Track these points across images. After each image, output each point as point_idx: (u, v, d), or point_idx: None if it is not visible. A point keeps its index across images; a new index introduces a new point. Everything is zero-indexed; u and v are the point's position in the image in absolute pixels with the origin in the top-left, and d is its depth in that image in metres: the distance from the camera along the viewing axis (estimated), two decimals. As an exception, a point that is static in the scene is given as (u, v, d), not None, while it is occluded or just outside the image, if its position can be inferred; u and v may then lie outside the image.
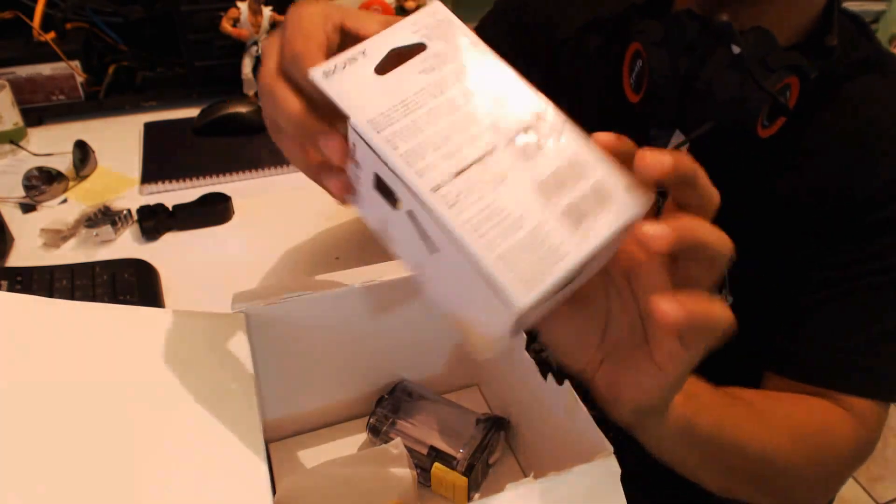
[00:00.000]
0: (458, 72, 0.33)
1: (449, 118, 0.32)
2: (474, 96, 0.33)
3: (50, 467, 0.34)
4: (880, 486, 1.47)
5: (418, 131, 0.31)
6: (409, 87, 0.32)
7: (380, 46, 0.33)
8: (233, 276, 0.71)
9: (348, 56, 0.33)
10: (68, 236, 0.76)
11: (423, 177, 0.30)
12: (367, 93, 0.32)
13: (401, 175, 0.30)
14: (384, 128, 0.31)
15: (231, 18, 1.01)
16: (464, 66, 0.34)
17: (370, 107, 0.31)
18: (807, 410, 0.50)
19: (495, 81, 0.33)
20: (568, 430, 0.44)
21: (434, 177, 0.30)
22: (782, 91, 0.48)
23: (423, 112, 0.32)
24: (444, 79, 0.33)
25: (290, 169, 0.92)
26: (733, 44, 0.47)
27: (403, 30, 0.34)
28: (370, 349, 0.55)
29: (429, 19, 0.35)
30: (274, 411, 0.53)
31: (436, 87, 0.32)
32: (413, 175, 0.30)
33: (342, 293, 0.50)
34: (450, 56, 0.34)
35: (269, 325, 0.49)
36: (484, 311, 0.30)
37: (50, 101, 1.01)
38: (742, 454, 0.45)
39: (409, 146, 0.30)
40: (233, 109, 1.00)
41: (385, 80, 0.32)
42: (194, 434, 0.39)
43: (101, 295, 0.65)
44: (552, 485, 0.36)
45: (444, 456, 0.50)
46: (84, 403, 0.38)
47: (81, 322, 0.43)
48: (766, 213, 0.54)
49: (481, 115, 0.32)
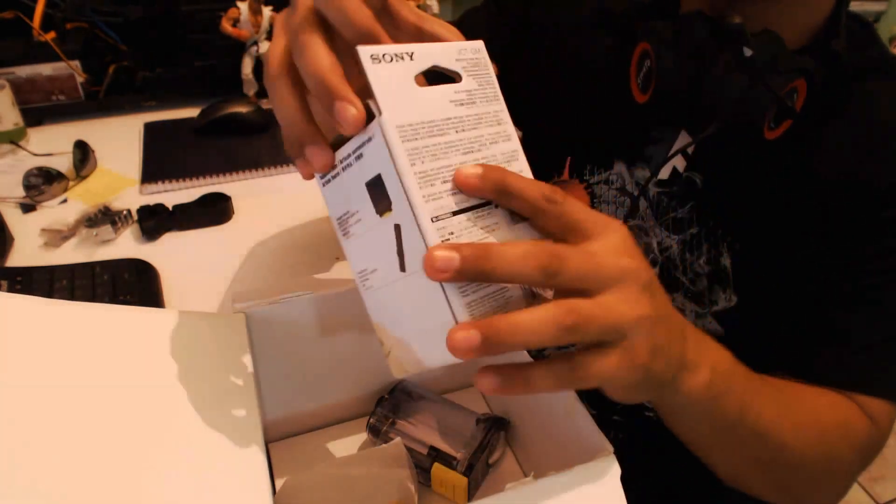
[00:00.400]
0: (482, 117, 0.34)
1: (465, 157, 0.32)
2: (490, 147, 0.34)
3: (50, 468, 0.34)
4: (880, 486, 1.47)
5: (435, 158, 0.31)
6: (440, 111, 0.33)
7: (426, 57, 0.33)
8: (233, 276, 0.71)
9: (397, 52, 0.32)
10: (68, 236, 0.76)
11: (427, 204, 0.30)
12: (404, 98, 0.32)
13: (408, 192, 0.30)
14: (409, 140, 0.31)
15: (231, 18, 1.01)
16: (488, 113, 0.35)
17: (402, 113, 0.31)
18: (829, 406, 0.49)
19: (507, 142, 0.35)
20: (568, 430, 0.44)
21: (436, 207, 0.30)
22: (790, 94, 0.48)
23: (444, 141, 0.32)
24: (470, 118, 0.34)
25: (291, 169, 0.92)
26: (745, 46, 0.47)
27: (449, 53, 0.34)
28: (370, 349, 0.55)
29: (472, 55, 0.35)
30: (274, 411, 0.53)
31: (461, 122, 0.33)
32: (420, 198, 0.30)
33: (342, 293, 0.50)
34: (479, 99, 0.34)
35: (269, 325, 0.49)
36: (428, 343, 0.32)
37: (50, 101, 1.01)
38: (762, 441, 0.44)
39: (424, 168, 0.31)
40: (233, 109, 1.00)
41: (421, 94, 0.32)
42: (194, 434, 0.39)
43: (101, 295, 0.65)
44: (552, 485, 0.36)
45: (444, 456, 0.50)
46: (84, 404, 0.38)
47: (81, 322, 0.43)
48: (771, 214, 0.54)
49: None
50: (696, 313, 0.59)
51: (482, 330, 0.28)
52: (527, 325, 0.28)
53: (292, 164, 0.93)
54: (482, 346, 0.28)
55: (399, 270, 0.32)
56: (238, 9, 1.00)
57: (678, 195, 0.58)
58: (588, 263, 0.30)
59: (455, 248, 0.29)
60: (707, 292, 0.58)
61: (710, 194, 0.56)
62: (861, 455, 0.50)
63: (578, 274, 0.30)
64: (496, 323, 0.28)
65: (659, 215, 0.59)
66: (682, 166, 0.57)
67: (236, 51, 1.04)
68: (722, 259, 0.56)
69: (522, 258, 0.29)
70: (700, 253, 0.57)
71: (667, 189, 0.58)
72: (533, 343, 0.29)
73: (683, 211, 0.57)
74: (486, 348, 0.28)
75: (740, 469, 0.47)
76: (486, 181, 0.31)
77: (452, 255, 0.28)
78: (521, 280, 0.30)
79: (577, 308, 0.29)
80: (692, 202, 0.57)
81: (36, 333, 0.41)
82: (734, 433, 0.42)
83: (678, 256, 0.59)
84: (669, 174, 0.58)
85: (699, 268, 0.58)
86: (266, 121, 1.01)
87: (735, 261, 0.56)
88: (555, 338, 0.29)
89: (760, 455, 0.45)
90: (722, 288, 0.57)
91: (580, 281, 0.30)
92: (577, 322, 0.29)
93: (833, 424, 0.48)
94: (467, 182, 0.31)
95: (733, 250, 0.56)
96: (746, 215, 0.55)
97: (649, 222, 0.60)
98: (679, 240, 0.58)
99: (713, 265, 0.57)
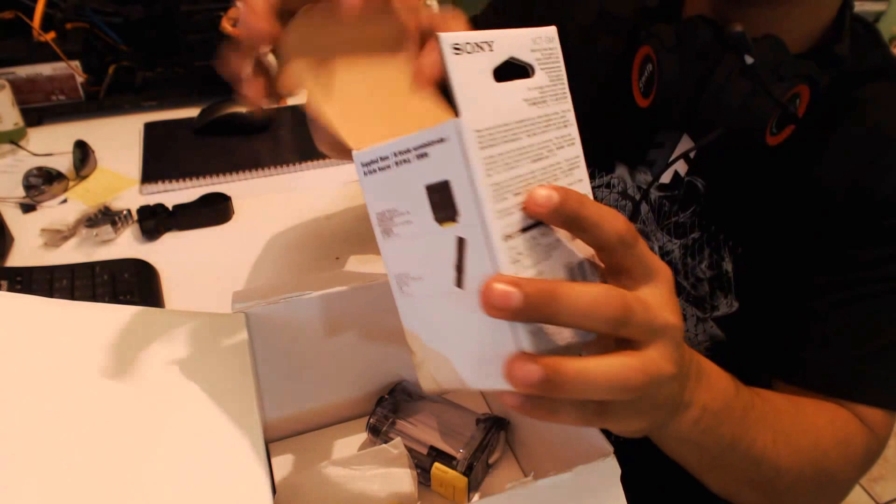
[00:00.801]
0: (551, 119, 0.31)
1: (534, 165, 0.30)
2: (557, 153, 0.31)
3: (50, 467, 0.34)
4: (880, 486, 1.47)
5: (508, 167, 0.28)
6: (514, 111, 0.30)
7: (504, 48, 0.30)
8: (233, 276, 0.71)
9: (477, 40, 0.29)
10: (68, 236, 0.76)
11: (499, 220, 0.27)
12: (482, 96, 0.28)
13: (481, 207, 0.27)
14: (487, 146, 0.28)
15: (231, 18, 1.01)
16: (556, 114, 0.32)
17: (481, 115, 0.28)
18: (828, 424, 0.49)
19: (571, 147, 0.32)
20: (568, 430, 0.44)
21: (508, 224, 0.28)
22: (792, 99, 0.48)
23: (517, 147, 0.29)
24: (540, 119, 0.31)
25: (290, 169, 0.92)
26: (747, 54, 0.46)
27: (524, 43, 0.31)
28: (370, 349, 0.55)
29: (546, 44, 0.32)
30: (274, 411, 0.53)
31: (534, 125, 0.30)
32: (493, 214, 0.27)
33: (342, 293, 0.50)
34: (549, 97, 0.32)
35: (269, 325, 0.49)
36: (476, 366, 0.30)
37: (50, 101, 1.01)
38: (755, 467, 0.44)
39: (499, 179, 0.28)
40: (233, 109, 1.00)
41: (497, 91, 0.29)
42: (194, 434, 0.39)
43: (101, 295, 0.65)
44: (552, 485, 0.36)
45: (444, 456, 0.50)
46: (84, 403, 0.38)
47: (81, 322, 0.43)
48: (773, 219, 0.54)
49: (559, 175, 0.31)
50: (698, 318, 0.59)
51: (546, 370, 0.26)
52: (592, 378, 0.27)
53: (292, 164, 0.93)
54: (540, 384, 0.26)
55: (454, 285, 0.29)
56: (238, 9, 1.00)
57: (680, 199, 0.58)
58: (646, 316, 0.29)
59: (517, 283, 0.26)
60: (709, 297, 0.58)
61: (712, 199, 0.56)
62: (860, 468, 0.49)
63: (640, 328, 0.29)
64: (563, 366, 0.26)
65: (660, 219, 0.59)
66: (683, 170, 0.57)
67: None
68: (724, 264, 0.56)
69: (592, 306, 0.27)
70: (702, 258, 0.57)
71: (668, 193, 0.58)
72: (590, 395, 0.28)
73: (685, 215, 0.57)
74: (544, 388, 0.26)
75: (731, 489, 0.47)
76: (562, 213, 0.28)
77: (512, 292, 0.26)
78: (586, 327, 0.28)
79: (644, 367, 0.28)
80: (694, 206, 0.57)
81: (36, 333, 0.41)
82: (725, 460, 0.42)
83: (680, 261, 0.59)
84: (671, 178, 0.58)
85: (701, 272, 0.57)
86: (266, 121, 1.01)
87: (737, 266, 0.56)
88: (614, 394, 0.28)
89: (754, 478, 0.45)
90: (724, 293, 0.57)
91: (639, 334, 0.29)
92: (644, 383, 0.28)
93: (832, 444, 0.47)
94: (539, 210, 0.28)
95: (735, 255, 0.56)
96: (748, 220, 0.55)
97: (651, 226, 0.60)
98: (681, 244, 0.58)
99: (715, 270, 0.57)
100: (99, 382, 0.40)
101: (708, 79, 0.49)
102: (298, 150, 0.96)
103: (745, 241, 0.55)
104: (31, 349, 0.40)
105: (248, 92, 0.36)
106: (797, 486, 0.46)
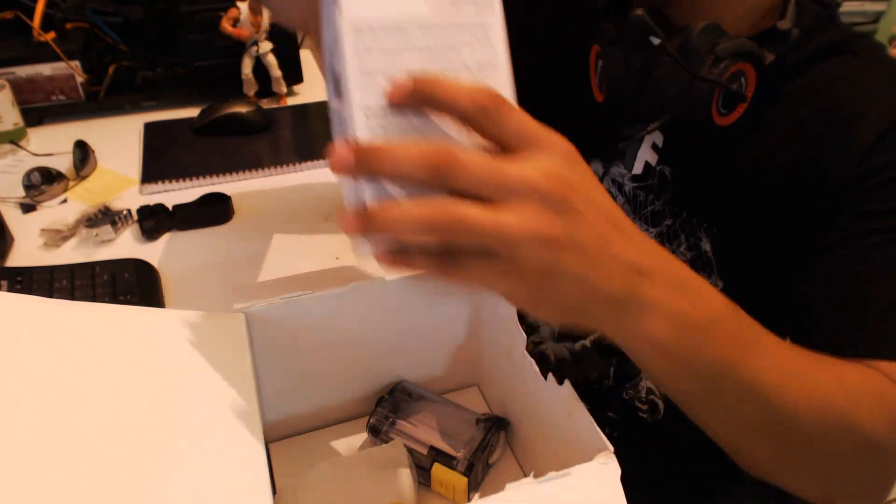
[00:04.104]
0: (466, 28, 0.33)
1: (428, 66, 0.32)
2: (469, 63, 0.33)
3: (50, 467, 0.34)
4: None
5: (389, 56, 0.31)
6: (406, 7, 0.32)
7: None
8: (233, 276, 0.71)
9: None
10: (68, 236, 0.76)
11: (365, 96, 0.31)
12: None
13: (347, 81, 0.31)
14: (362, 32, 0.31)
15: (231, 18, 1.01)
16: (476, 25, 0.33)
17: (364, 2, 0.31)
18: (856, 370, 0.44)
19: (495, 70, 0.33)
20: (568, 430, 0.44)
21: (374, 104, 0.31)
22: (734, 78, 0.49)
23: (402, 42, 0.32)
24: (451, 26, 0.32)
25: (290, 169, 0.92)
26: (651, 35, 0.49)
27: None
28: (370, 349, 0.55)
29: None
30: (274, 411, 0.53)
31: (434, 28, 0.32)
32: (357, 90, 0.31)
33: (342, 293, 0.50)
34: (465, 2, 0.33)
35: (269, 325, 0.49)
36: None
37: (50, 101, 1.01)
38: (764, 407, 0.39)
39: (371, 65, 0.31)
40: (233, 109, 1.00)
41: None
42: (194, 434, 0.39)
43: (101, 295, 0.65)
44: (552, 485, 0.36)
45: (444, 456, 0.50)
46: (84, 403, 0.38)
47: (81, 322, 0.43)
48: (740, 197, 0.55)
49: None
50: None
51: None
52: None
53: (292, 164, 0.93)
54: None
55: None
56: (238, 9, 1.00)
57: (653, 189, 0.59)
58: (489, 172, 0.29)
59: (352, 146, 0.30)
60: None
61: (678, 185, 0.58)
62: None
63: (473, 180, 0.29)
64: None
65: (637, 210, 0.60)
66: (654, 160, 0.58)
67: (236, 51, 1.03)
68: (702, 244, 0.57)
69: (414, 157, 0.29)
70: (679, 242, 0.59)
71: (642, 184, 0.60)
72: (402, 225, 0.30)
73: (659, 204, 0.59)
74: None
75: (739, 436, 0.42)
76: (418, 95, 0.30)
77: (345, 152, 0.30)
78: (408, 180, 0.30)
79: (455, 209, 0.29)
80: (666, 195, 0.58)
81: (36, 333, 0.41)
82: (723, 394, 0.39)
83: None
84: (643, 169, 0.59)
85: (681, 255, 0.59)
86: (266, 121, 1.01)
87: (715, 246, 0.57)
88: (425, 227, 0.29)
89: (764, 423, 0.40)
90: (707, 273, 0.58)
91: (476, 188, 0.29)
92: (451, 223, 0.29)
93: (865, 394, 0.42)
94: (395, 93, 0.31)
95: (711, 235, 0.57)
96: (716, 202, 0.57)
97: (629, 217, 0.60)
98: (657, 232, 0.60)
99: (694, 251, 0.58)
100: (99, 383, 0.40)
101: (645, 71, 0.50)
102: (298, 150, 0.96)
103: (717, 222, 0.57)
104: (31, 349, 0.40)
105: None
106: (822, 440, 0.41)
